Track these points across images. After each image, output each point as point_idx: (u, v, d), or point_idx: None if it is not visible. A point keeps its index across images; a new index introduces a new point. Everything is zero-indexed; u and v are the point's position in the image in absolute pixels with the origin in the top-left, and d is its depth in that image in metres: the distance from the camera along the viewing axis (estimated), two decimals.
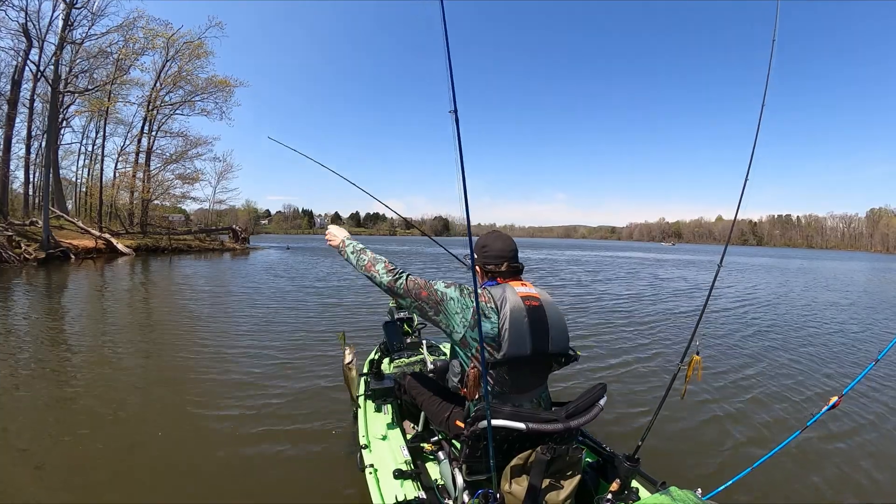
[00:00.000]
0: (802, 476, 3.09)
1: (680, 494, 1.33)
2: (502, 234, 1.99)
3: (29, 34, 22.61)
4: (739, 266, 27.13)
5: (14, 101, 25.28)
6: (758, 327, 8.24)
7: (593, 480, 1.89)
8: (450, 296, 1.75)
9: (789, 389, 4.79)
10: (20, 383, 4.34)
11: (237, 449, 3.14)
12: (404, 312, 3.87)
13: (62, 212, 25.28)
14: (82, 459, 2.95)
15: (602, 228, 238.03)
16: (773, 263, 32.65)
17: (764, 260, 38.75)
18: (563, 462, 1.62)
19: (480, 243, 1.95)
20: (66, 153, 33.79)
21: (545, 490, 1.57)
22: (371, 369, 3.02)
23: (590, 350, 6.09)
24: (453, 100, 1.45)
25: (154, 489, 2.66)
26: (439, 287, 1.78)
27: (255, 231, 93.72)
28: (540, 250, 46.50)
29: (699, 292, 13.36)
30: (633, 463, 1.77)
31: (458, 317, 1.73)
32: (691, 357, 2.05)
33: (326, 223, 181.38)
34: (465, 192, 1.49)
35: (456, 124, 1.46)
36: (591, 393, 1.76)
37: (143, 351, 5.64)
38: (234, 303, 9.40)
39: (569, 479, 1.62)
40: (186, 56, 30.10)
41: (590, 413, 1.70)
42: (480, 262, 1.93)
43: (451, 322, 1.74)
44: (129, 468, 2.86)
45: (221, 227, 36.95)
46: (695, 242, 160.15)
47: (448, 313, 1.75)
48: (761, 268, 26.63)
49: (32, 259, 17.22)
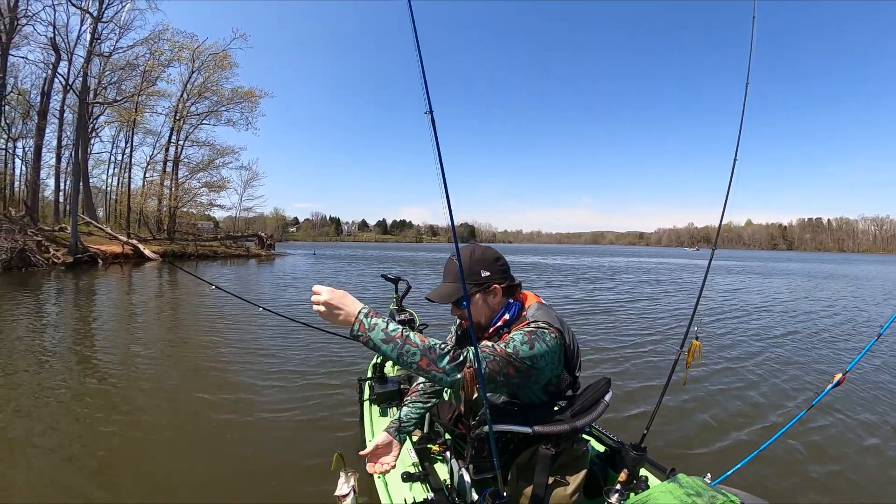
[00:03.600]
0: (810, 456, 3.10)
1: (688, 481, 1.31)
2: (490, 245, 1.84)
3: (57, 47, 23.63)
4: (763, 270, 26.41)
5: (44, 111, 26.38)
6: (765, 321, 8.39)
7: (602, 471, 1.86)
8: (539, 354, 1.44)
9: (795, 371, 4.98)
10: (47, 379, 4.46)
11: (240, 451, 3.14)
12: (406, 314, 3.82)
13: (91, 218, 26.12)
14: (109, 451, 3.07)
15: (630, 234, 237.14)
16: (799, 269, 31.58)
17: (793, 266, 37.49)
18: (568, 456, 1.58)
19: (490, 256, 1.64)
20: (97, 162, 35.17)
21: (551, 486, 1.52)
22: (374, 373, 2.97)
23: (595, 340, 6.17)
24: (428, 101, 1.40)
25: (155, 485, 2.67)
26: (523, 350, 1.41)
27: (284, 238, 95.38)
28: (578, 256, 46.56)
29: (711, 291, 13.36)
30: (639, 452, 1.76)
31: (547, 368, 1.49)
32: (691, 343, 2.04)
33: (354, 230, 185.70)
34: (448, 197, 1.43)
35: (432, 125, 1.42)
36: (595, 389, 1.68)
37: (166, 346, 5.82)
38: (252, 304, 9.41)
39: (575, 474, 1.57)
40: (212, 67, 30.94)
41: (595, 411, 1.62)
42: (503, 279, 1.64)
43: (543, 376, 1.50)
44: (147, 461, 2.88)
45: (247, 234, 37.63)
46: (723, 247, 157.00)
47: (541, 373, 1.48)
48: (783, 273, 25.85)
49: (60, 263, 17.86)
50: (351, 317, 1.29)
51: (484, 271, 1.60)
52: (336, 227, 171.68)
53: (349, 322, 1.29)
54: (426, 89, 1.39)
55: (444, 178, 1.40)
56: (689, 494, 1.25)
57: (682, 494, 1.26)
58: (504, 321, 1.62)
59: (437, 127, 1.42)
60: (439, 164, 1.41)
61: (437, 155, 1.41)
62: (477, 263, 1.61)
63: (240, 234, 36.67)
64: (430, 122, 1.41)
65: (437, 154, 1.41)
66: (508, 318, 1.63)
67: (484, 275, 1.59)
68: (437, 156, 1.41)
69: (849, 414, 3.80)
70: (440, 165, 1.40)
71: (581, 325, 7.92)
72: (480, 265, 1.60)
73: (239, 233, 38.11)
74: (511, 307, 1.64)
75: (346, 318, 1.29)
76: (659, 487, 1.34)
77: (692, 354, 2.04)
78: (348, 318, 1.29)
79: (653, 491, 1.34)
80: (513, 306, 1.65)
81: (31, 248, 17.06)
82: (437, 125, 1.39)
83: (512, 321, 1.62)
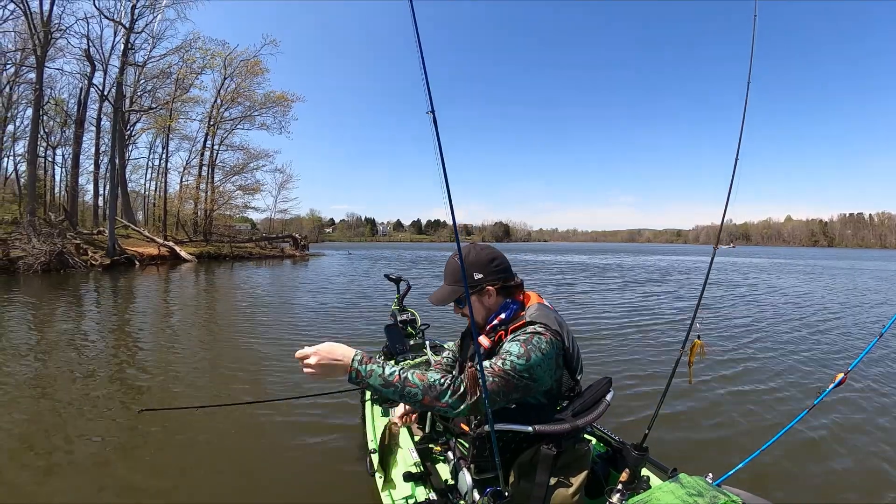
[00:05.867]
0: (812, 456, 3.10)
1: (690, 481, 1.32)
2: (489, 245, 1.85)
3: (92, 59, 24.70)
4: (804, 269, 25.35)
5: (81, 120, 27.63)
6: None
7: (603, 471, 1.85)
8: (536, 364, 1.45)
9: (796, 371, 4.96)
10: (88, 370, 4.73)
11: (242, 452, 3.17)
12: (407, 315, 3.84)
13: (129, 222, 27.14)
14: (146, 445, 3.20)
15: (667, 232, 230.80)
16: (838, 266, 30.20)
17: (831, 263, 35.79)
18: (570, 456, 1.58)
19: (485, 258, 1.67)
20: (135, 167, 36.59)
21: (553, 486, 1.52)
22: None
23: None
24: (430, 101, 1.42)
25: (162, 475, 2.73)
26: (519, 364, 1.42)
27: (320, 239, 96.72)
28: (609, 255, 45.49)
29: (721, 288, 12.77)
30: (641, 452, 1.75)
31: (546, 375, 1.50)
32: (693, 342, 2.04)
33: (389, 230, 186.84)
34: (450, 196, 1.45)
35: (434, 125, 1.43)
36: (597, 388, 1.70)
37: (201, 342, 6.22)
38: (285, 304, 9.71)
39: (576, 474, 1.57)
40: (243, 73, 31.61)
41: (596, 410, 1.64)
42: (496, 280, 1.66)
43: (542, 385, 1.51)
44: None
45: (281, 235, 38.25)
46: (763, 244, 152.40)
47: (540, 383, 1.49)
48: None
49: (98, 265, 18.66)
50: (346, 367, 1.34)
51: (477, 274, 1.64)
52: (371, 228, 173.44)
53: (346, 372, 1.34)
54: (428, 89, 1.41)
55: (446, 178, 1.41)
56: (690, 494, 1.25)
57: (684, 494, 1.26)
58: (500, 320, 1.66)
59: (438, 127, 1.44)
60: (441, 163, 1.42)
61: (439, 154, 1.43)
62: (470, 266, 1.66)
63: (275, 236, 37.29)
64: (432, 122, 1.43)
65: (438, 153, 1.43)
66: (504, 318, 1.66)
67: (477, 277, 1.64)
68: (439, 155, 1.43)
69: (850, 414, 3.80)
70: (441, 165, 1.42)
71: (594, 329, 7.79)
72: (474, 268, 1.65)
73: (275, 234, 38.72)
74: (508, 307, 1.67)
75: (342, 369, 1.34)
76: (660, 487, 1.35)
77: (694, 353, 2.03)
78: (344, 369, 1.34)
79: (654, 491, 1.34)
80: (510, 306, 1.67)
81: (69, 250, 17.82)
82: (438, 126, 1.41)
83: (508, 320, 1.65)
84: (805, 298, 11.90)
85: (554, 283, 15.13)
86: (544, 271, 21.21)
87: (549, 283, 15.13)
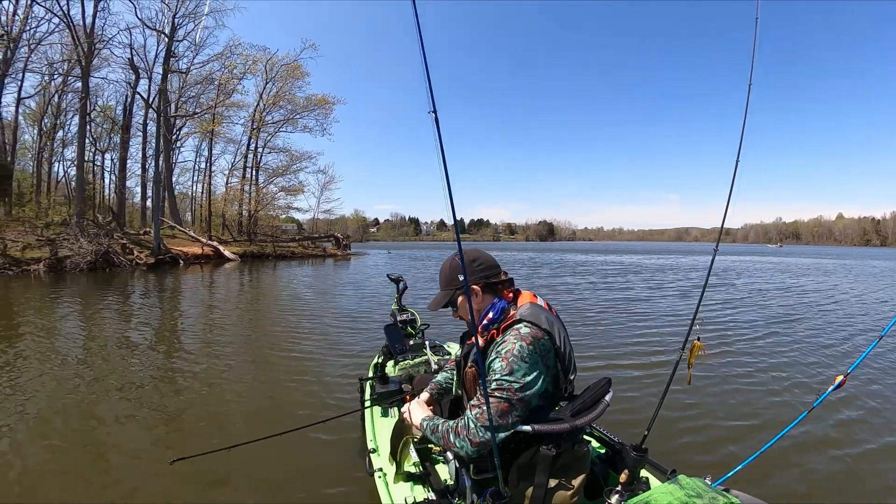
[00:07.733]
0: (811, 458, 3.10)
1: (689, 482, 1.33)
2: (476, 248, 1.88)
3: (136, 67, 25.91)
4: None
5: (127, 126, 29.01)
6: None
7: (602, 472, 1.87)
8: (523, 372, 1.49)
9: (797, 372, 4.93)
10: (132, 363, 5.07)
11: (243, 454, 3.20)
12: (407, 315, 3.85)
13: (176, 223, 28.28)
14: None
15: (715, 230, 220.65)
16: None
17: None
18: (569, 457, 1.59)
19: (468, 259, 1.73)
20: (183, 170, 38.10)
21: (552, 487, 1.53)
22: (376, 374, 2.99)
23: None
24: (432, 101, 1.43)
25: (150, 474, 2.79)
26: (507, 380, 1.48)
27: (364, 238, 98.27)
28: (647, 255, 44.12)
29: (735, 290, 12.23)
30: (640, 453, 1.76)
31: (539, 380, 1.52)
32: (692, 343, 2.04)
33: (432, 230, 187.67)
34: (451, 195, 1.45)
35: (436, 125, 1.44)
36: (596, 388, 1.70)
37: (239, 336, 6.64)
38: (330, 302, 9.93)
39: (576, 476, 1.57)
40: (284, 78, 32.46)
41: (595, 410, 1.64)
42: (478, 280, 1.71)
43: (539, 392, 1.53)
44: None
45: (324, 234, 38.93)
46: (813, 244, 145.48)
47: (536, 388, 1.51)
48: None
49: (143, 264, 19.57)
50: (417, 423, 1.76)
51: (461, 276, 1.64)
52: (415, 227, 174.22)
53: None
54: (430, 89, 1.42)
55: (447, 178, 1.42)
56: (689, 496, 1.26)
57: (683, 496, 1.26)
58: (489, 319, 1.68)
59: (440, 126, 1.45)
60: (442, 162, 1.43)
61: (441, 154, 1.44)
62: (455, 269, 1.74)
63: (317, 235, 37.95)
64: (434, 122, 1.44)
65: (440, 153, 1.44)
66: (493, 317, 1.68)
67: (461, 279, 1.64)
68: (441, 155, 1.43)
69: (850, 416, 3.80)
70: (443, 164, 1.43)
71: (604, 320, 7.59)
72: (457, 271, 1.71)
73: (318, 234, 39.37)
74: (495, 306, 1.69)
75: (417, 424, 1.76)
76: (659, 489, 1.35)
77: (694, 354, 2.03)
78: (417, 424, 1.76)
79: (653, 492, 1.34)
80: (497, 305, 1.69)
81: (114, 250, 18.76)
82: (439, 126, 1.41)
83: (497, 319, 1.67)
84: (823, 298, 11.89)
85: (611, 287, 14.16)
86: (597, 273, 19.78)
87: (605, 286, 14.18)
